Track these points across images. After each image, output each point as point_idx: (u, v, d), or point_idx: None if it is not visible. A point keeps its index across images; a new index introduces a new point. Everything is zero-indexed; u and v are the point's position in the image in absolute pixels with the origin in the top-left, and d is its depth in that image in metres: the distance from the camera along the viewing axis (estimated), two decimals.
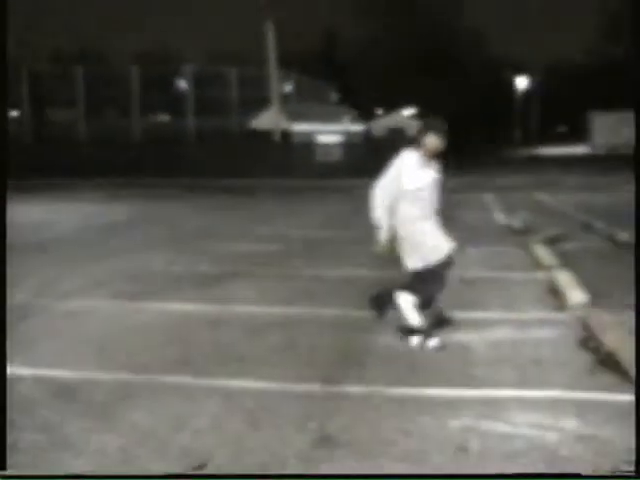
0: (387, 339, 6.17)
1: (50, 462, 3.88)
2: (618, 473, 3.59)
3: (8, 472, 3.70)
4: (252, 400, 4.77)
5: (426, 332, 5.96)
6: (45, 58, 55.86)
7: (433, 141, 5.80)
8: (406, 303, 6.00)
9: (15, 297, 7.82)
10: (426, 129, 5.84)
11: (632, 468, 3.76)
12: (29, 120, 35.61)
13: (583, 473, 3.57)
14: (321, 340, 6.12)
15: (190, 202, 21.14)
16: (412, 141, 5.87)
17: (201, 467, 3.80)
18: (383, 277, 8.91)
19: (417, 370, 5.39)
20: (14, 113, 37.15)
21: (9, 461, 3.84)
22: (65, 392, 4.93)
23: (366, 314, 7.04)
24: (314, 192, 24.56)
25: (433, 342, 5.90)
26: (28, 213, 17.61)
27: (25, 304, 7.54)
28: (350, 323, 6.73)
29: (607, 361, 5.44)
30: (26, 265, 9.90)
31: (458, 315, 7.03)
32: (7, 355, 5.70)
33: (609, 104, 52.93)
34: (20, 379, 5.18)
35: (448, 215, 17.78)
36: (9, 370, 5.33)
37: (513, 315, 6.98)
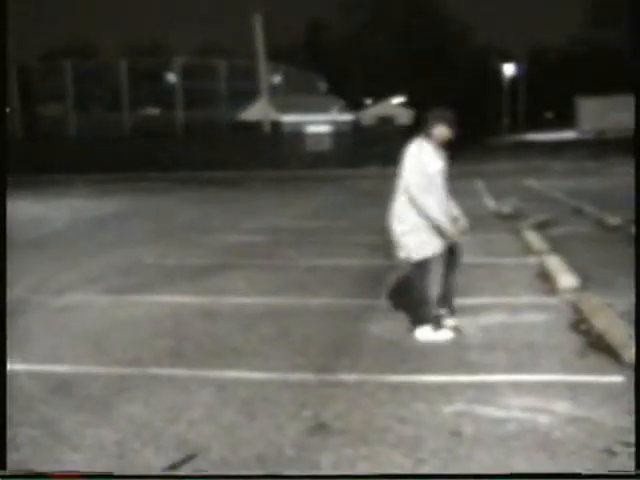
0: (379, 327, 6.21)
1: (48, 457, 3.90)
2: (618, 473, 3.62)
3: (8, 472, 3.72)
4: (246, 390, 4.81)
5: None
6: (33, 54, 55.58)
7: (443, 131, 5.82)
8: (426, 334, 5.89)
9: (11, 293, 7.83)
10: (436, 119, 5.86)
11: (624, 449, 3.80)
12: (19, 116, 35.44)
13: (583, 473, 3.59)
14: (313, 329, 6.15)
15: (181, 195, 21.13)
16: (422, 131, 5.85)
17: (191, 458, 3.83)
18: (374, 265, 8.97)
19: (410, 357, 5.42)
20: None
21: (8, 456, 3.87)
22: (61, 387, 4.95)
23: (357, 302, 7.09)
24: (305, 182, 24.57)
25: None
26: (20, 210, 17.54)
27: (21, 300, 7.55)
28: (342, 312, 6.76)
29: (598, 343, 5.49)
30: (20, 261, 9.89)
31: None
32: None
33: (595, 89, 52.94)
34: (17, 374, 5.19)
35: None
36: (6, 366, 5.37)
37: (505, 300, 7.03)
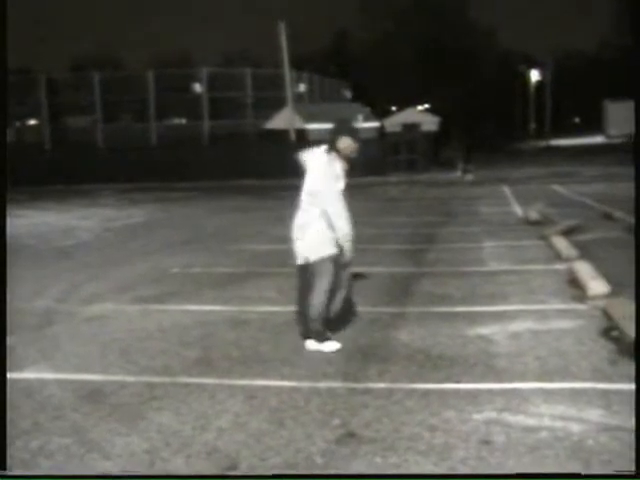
0: (407, 334, 6.18)
1: (79, 465, 3.92)
2: (618, 473, 3.57)
3: (8, 472, 3.74)
4: (275, 399, 4.80)
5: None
6: (62, 65, 56.39)
7: (349, 143, 5.78)
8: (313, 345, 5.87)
9: (41, 303, 7.93)
10: (340, 132, 5.80)
11: None
12: (48, 127, 35.86)
13: (583, 473, 3.55)
14: (342, 337, 6.13)
15: (208, 204, 21.22)
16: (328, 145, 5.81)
17: (231, 469, 3.82)
18: (399, 273, 8.94)
19: (439, 364, 5.39)
20: (33, 121, 37.61)
21: (39, 464, 3.91)
22: (91, 395, 4.98)
23: (386, 310, 7.07)
24: None
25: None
26: (49, 219, 17.76)
27: (50, 310, 7.63)
28: (371, 320, 6.73)
29: (630, 350, 5.40)
30: (49, 271, 10.00)
31: (480, 308, 7.05)
32: (34, 360, 5.81)
33: (624, 93, 52.28)
34: (47, 383, 5.24)
35: (468, 209, 17.71)
36: (36, 375, 5.43)
37: (534, 307, 6.97)
